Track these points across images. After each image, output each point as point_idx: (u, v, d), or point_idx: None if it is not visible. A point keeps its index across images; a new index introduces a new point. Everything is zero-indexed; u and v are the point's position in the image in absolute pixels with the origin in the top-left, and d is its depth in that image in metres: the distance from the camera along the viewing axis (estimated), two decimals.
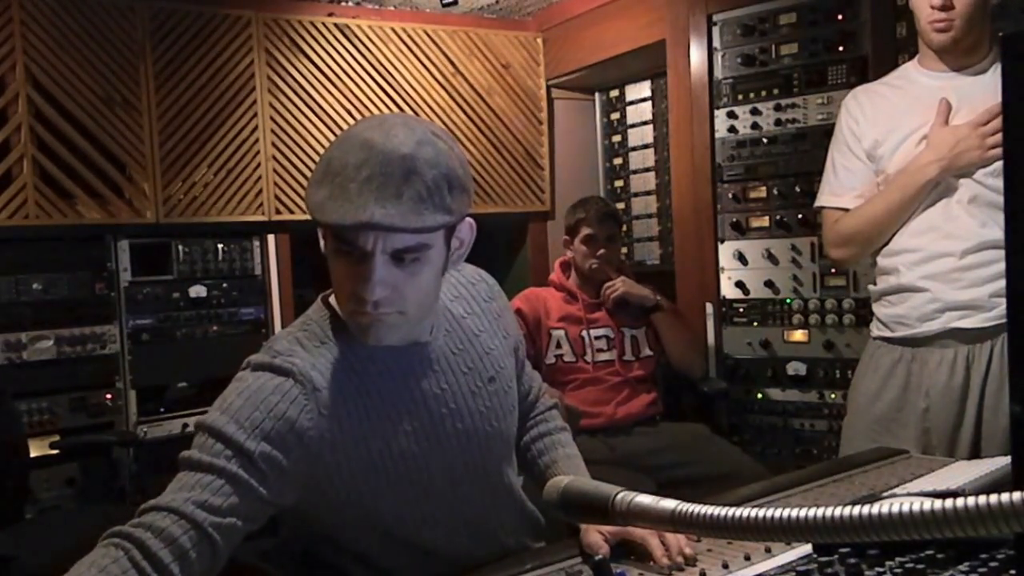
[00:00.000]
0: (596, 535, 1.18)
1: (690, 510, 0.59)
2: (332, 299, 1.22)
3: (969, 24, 1.82)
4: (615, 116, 3.91)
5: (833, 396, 2.78)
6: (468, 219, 1.17)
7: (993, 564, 0.97)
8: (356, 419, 1.15)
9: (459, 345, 1.27)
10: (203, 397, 3.18)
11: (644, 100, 3.76)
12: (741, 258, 2.98)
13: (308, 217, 1.09)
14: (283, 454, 1.08)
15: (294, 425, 1.09)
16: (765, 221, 2.93)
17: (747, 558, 1.11)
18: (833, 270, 2.78)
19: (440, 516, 1.24)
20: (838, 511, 0.52)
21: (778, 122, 2.89)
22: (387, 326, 1.12)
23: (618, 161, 3.89)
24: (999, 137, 1.74)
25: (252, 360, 1.16)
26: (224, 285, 3.23)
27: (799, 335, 2.87)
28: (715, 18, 3.01)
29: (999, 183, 1.37)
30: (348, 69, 3.40)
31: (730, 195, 3.01)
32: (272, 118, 3.25)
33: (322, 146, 3.33)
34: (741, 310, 3.00)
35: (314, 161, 3.31)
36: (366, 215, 1.02)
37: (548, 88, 3.87)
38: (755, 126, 2.94)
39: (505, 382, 1.33)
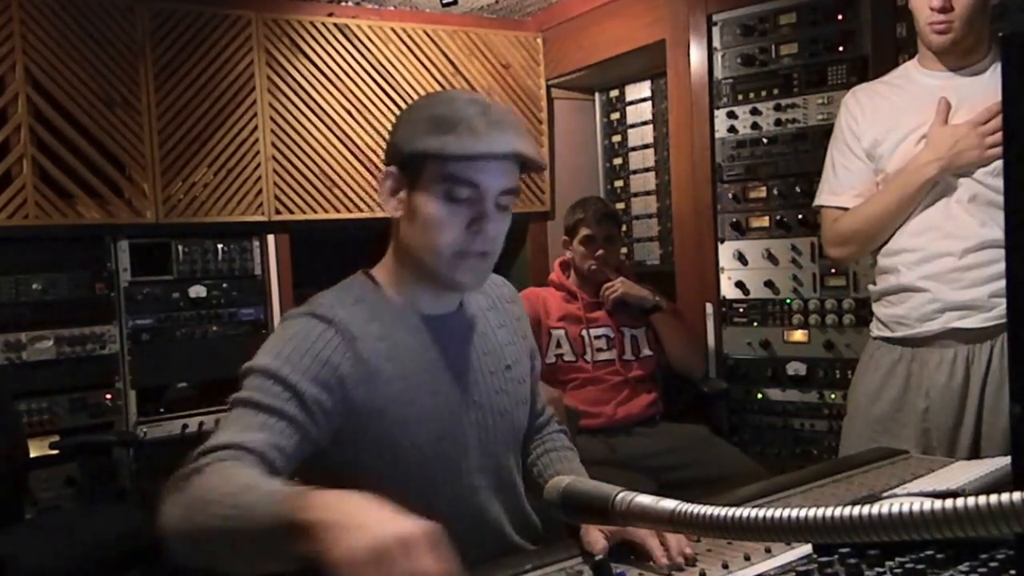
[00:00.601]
0: (596, 533, 1.19)
1: (690, 510, 0.59)
2: (376, 272, 1.30)
3: (969, 25, 1.82)
4: (615, 116, 3.91)
5: (833, 396, 2.78)
6: None
7: (993, 564, 0.97)
8: (386, 378, 1.20)
9: (482, 329, 1.34)
10: (203, 397, 3.18)
11: (644, 100, 3.76)
12: (741, 258, 2.98)
13: (308, 217, 1.13)
14: (328, 396, 1.15)
15: (336, 370, 1.16)
16: (765, 221, 2.93)
17: (747, 558, 1.11)
18: (833, 270, 2.78)
19: (448, 493, 1.26)
20: (838, 511, 0.52)
21: (778, 122, 2.89)
22: (481, 271, 1.23)
23: (618, 161, 3.89)
24: (999, 136, 1.74)
25: (295, 311, 1.23)
26: (224, 285, 3.23)
27: (799, 335, 2.87)
28: (715, 18, 3.01)
29: (999, 182, 1.38)
30: (348, 69, 3.40)
31: (730, 195, 3.01)
32: (272, 118, 3.25)
33: (322, 146, 3.34)
34: (741, 310, 3.00)
35: (314, 161, 3.32)
36: (510, 146, 1.16)
37: (548, 88, 3.87)
38: (755, 126, 2.94)
39: (521, 374, 1.39)
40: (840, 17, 2.74)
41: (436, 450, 1.24)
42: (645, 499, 0.64)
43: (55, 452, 2.77)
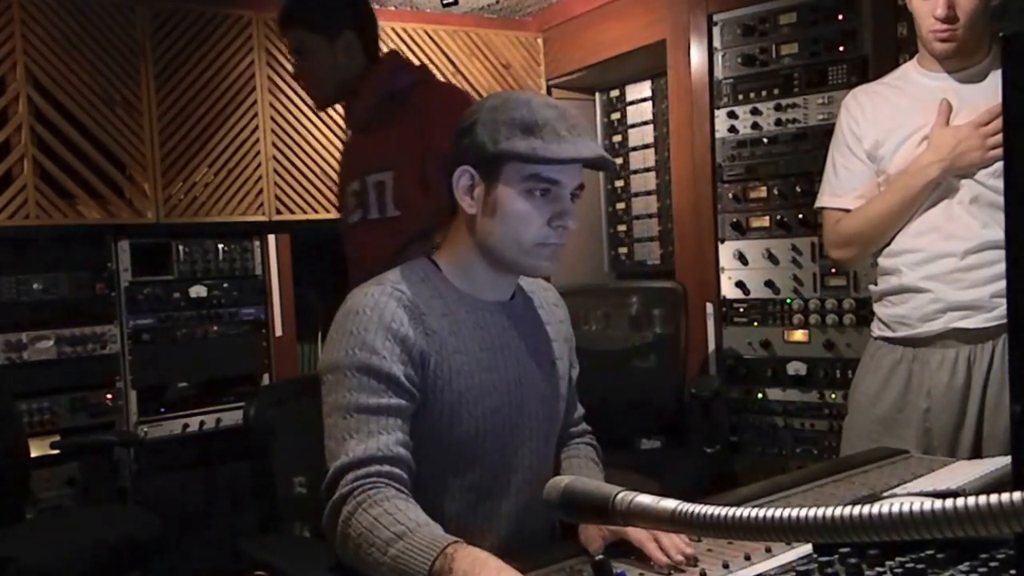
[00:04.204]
0: (594, 531, 1.20)
1: (690, 510, 0.59)
2: (438, 259, 1.37)
3: (971, 31, 1.81)
4: (615, 116, 3.91)
5: (833, 396, 2.78)
6: None
7: (993, 564, 0.97)
8: (451, 350, 1.28)
9: (532, 322, 1.44)
10: (204, 397, 3.18)
11: (644, 100, 3.76)
12: (741, 258, 2.98)
13: (308, 217, 1.16)
14: (415, 372, 1.25)
15: (415, 345, 1.25)
16: (765, 221, 2.93)
17: (747, 558, 1.11)
18: (833, 270, 2.78)
19: (495, 468, 1.33)
20: (838, 511, 0.52)
21: (778, 122, 2.89)
22: (556, 258, 1.32)
23: (618, 161, 3.88)
24: (1000, 137, 1.74)
25: (363, 291, 1.29)
26: (224, 285, 3.23)
27: (799, 335, 2.87)
28: (715, 18, 3.01)
29: (1000, 183, 1.38)
30: None
31: (730, 195, 3.01)
32: (272, 118, 3.25)
33: (322, 146, 3.34)
34: (741, 310, 3.00)
35: (314, 161, 3.32)
36: (594, 152, 1.28)
37: (548, 88, 3.86)
38: (755, 126, 2.94)
39: (563, 371, 1.47)
40: (840, 17, 2.74)
41: (490, 423, 1.32)
42: (645, 499, 0.64)
43: (56, 452, 2.77)
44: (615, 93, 3.90)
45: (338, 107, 3.34)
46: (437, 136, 1.94)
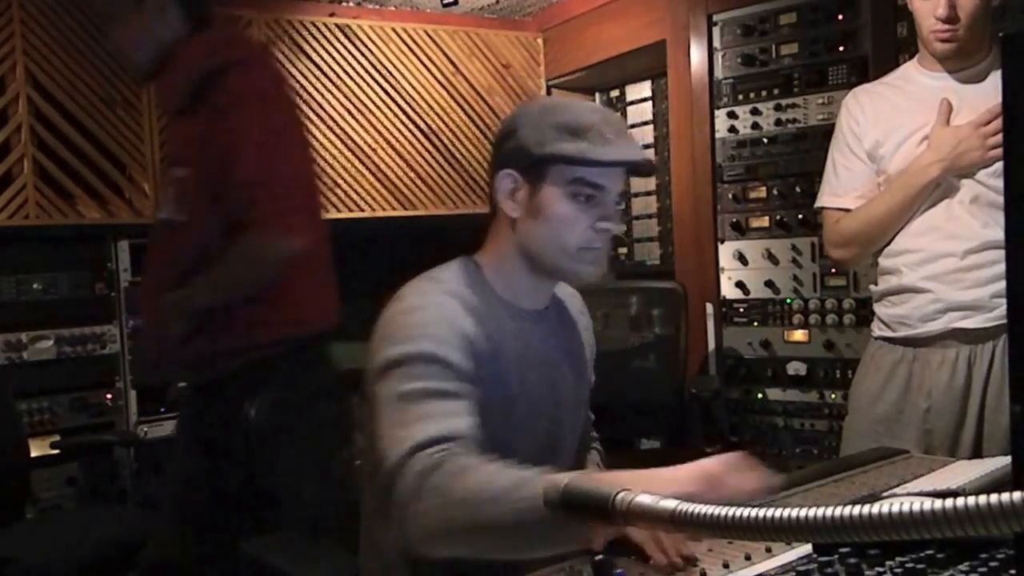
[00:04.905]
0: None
1: (690, 510, 0.59)
2: (480, 260, 1.36)
3: (972, 32, 1.81)
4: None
5: (833, 396, 2.78)
6: None
7: (993, 564, 0.97)
8: (496, 351, 1.28)
9: (566, 332, 1.46)
10: None
11: (644, 100, 3.76)
12: (741, 258, 2.98)
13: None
14: (475, 368, 1.22)
15: (473, 342, 1.23)
16: (765, 221, 2.93)
17: (747, 558, 1.11)
18: (833, 270, 2.78)
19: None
20: (838, 511, 0.52)
21: (778, 122, 2.89)
22: (600, 263, 1.33)
23: None
24: (1000, 137, 1.74)
25: (421, 287, 1.28)
26: None
27: (799, 335, 2.87)
28: (715, 18, 3.01)
29: (1000, 183, 1.37)
30: (349, 69, 3.40)
31: (730, 195, 3.01)
32: None
33: (323, 146, 3.33)
34: (741, 310, 3.00)
35: (315, 161, 3.31)
36: (641, 156, 1.30)
37: (548, 88, 3.87)
38: (755, 126, 2.94)
39: (588, 378, 1.50)
40: (840, 17, 2.74)
41: (527, 435, 1.32)
42: (645, 498, 0.64)
43: (56, 452, 2.77)
44: (615, 93, 3.90)
45: (338, 107, 3.37)
46: (222, 133, 1.77)
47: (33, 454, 2.69)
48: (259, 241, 1.79)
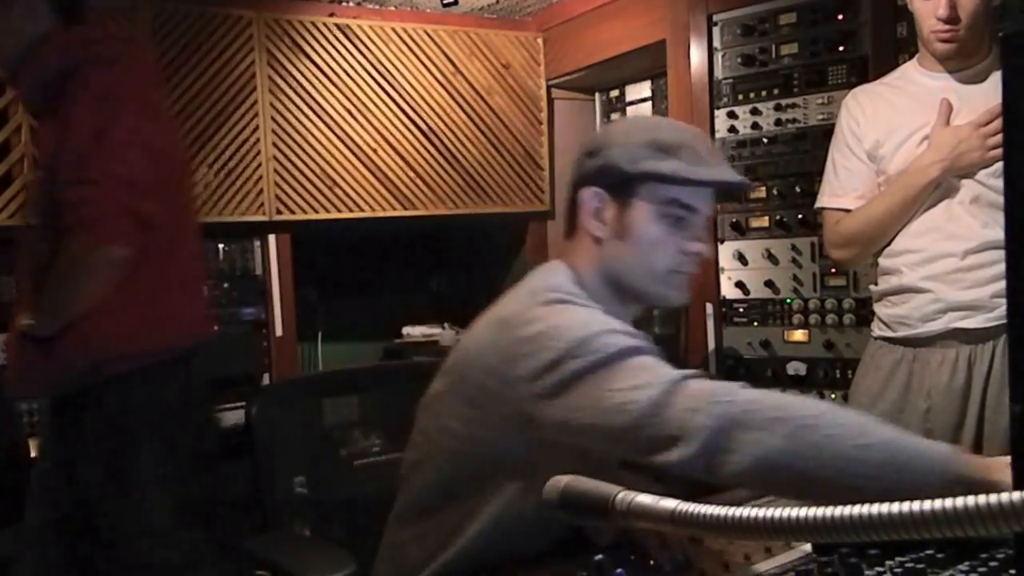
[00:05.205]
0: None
1: (690, 510, 0.59)
2: (575, 267, 1.30)
3: (973, 32, 1.81)
4: (615, 116, 3.91)
5: (833, 396, 2.78)
6: None
7: (993, 564, 0.97)
8: None
9: None
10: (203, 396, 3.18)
11: (644, 100, 3.76)
12: (741, 258, 2.98)
13: (308, 217, 1.12)
14: None
15: None
16: (765, 221, 2.93)
17: (747, 558, 1.11)
18: (833, 270, 2.78)
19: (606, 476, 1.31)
20: (838, 511, 0.52)
21: (778, 122, 2.89)
22: (686, 288, 1.32)
23: None
24: (1000, 137, 1.74)
25: (559, 298, 1.19)
26: (225, 285, 3.23)
27: (799, 335, 2.87)
28: (715, 18, 3.01)
29: (1000, 183, 1.37)
30: (349, 69, 3.40)
31: None
32: (273, 118, 3.25)
33: (323, 146, 3.34)
34: (741, 310, 3.00)
35: (315, 161, 3.32)
36: (735, 176, 1.27)
37: (548, 88, 3.87)
38: (755, 126, 2.94)
39: None
40: (840, 17, 2.74)
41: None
42: (645, 498, 0.64)
43: None
44: (615, 93, 3.90)
45: (338, 107, 3.37)
46: (59, 133, 1.70)
47: (33, 454, 2.69)
48: (76, 246, 1.69)
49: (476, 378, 1.19)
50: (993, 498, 0.46)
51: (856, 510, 0.51)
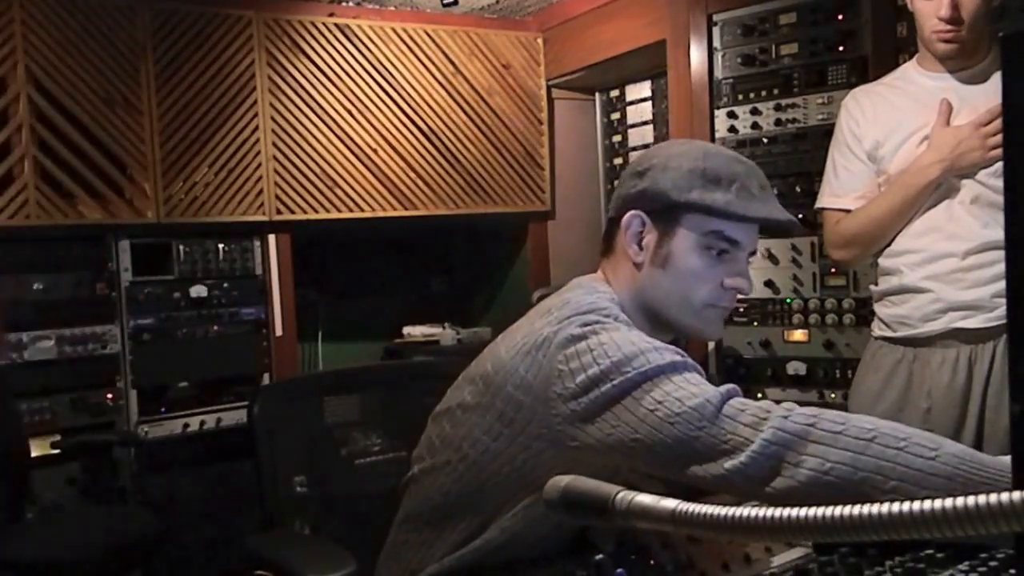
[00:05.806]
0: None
1: (690, 510, 0.59)
2: (617, 288, 1.26)
3: (974, 32, 1.81)
4: (615, 116, 3.91)
5: (833, 396, 2.78)
6: None
7: (993, 564, 0.97)
8: None
9: None
10: (204, 397, 3.18)
11: (644, 100, 3.76)
12: None
13: (308, 217, 1.11)
14: None
15: None
16: None
17: (747, 558, 1.11)
18: (833, 270, 2.78)
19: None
20: (838, 511, 0.52)
21: (778, 122, 2.89)
22: (722, 323, 1.28)
23: (618, 161, 3.88)
24: (1001, 137, 1.74)
25: (594, 323, 1.15)
26: (225, 285, 3.23)
27: (799, 335, 2.87)
28: (715, 18, 3.01)
29: (1001, 183, 1.38)
30: (349, 69, 3.40)
31: None
32: (273, 118, 3.26)
33: (323, 146, 3.34)
34: (741, 310, 3.00)
35: (315, 161, 3.32)
36: (785, 215, 1.21)
37: (548, 88, 3.87)
38: (755, 126, 2.94)
39: None
40: (840, 17, 2.74)
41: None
42: (645, 498, 0.64)
43: (56, 452, 2.78)
44: (615, 93, 3.90)
45: (338, 107, 3.37)
46: None
47: (33, 454, 2.70)
48: None
49: (509, 393, 1.16)
50: (993, 498, 0.46)
51: (856, 510, 0.51)
